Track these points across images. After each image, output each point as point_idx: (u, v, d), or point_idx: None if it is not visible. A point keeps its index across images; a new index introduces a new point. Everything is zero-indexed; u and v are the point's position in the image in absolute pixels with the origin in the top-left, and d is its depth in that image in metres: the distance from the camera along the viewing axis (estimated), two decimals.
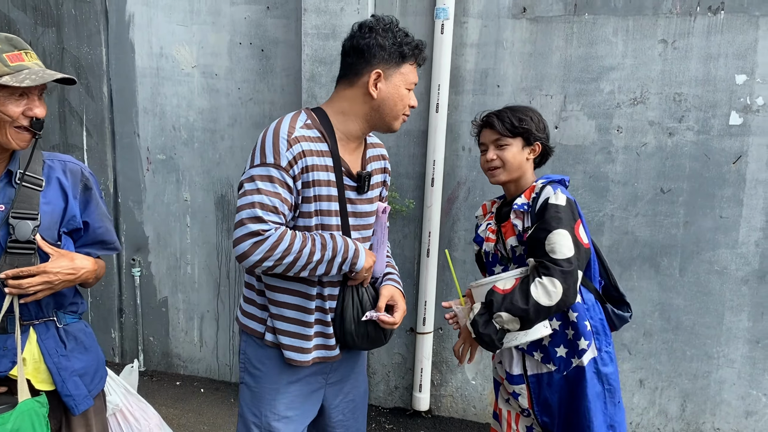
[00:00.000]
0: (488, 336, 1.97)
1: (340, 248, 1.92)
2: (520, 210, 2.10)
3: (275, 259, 1.84)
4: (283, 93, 3.69)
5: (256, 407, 2.10)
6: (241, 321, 2.14)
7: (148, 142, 3.97)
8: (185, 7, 3.76)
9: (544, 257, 1.97)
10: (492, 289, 2.02)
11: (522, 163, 2.18)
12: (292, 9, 3.57)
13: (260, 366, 2.09)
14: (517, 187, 2.21)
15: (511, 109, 2.20)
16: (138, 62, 3.89)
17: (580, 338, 2.08)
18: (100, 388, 2.11)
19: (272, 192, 1.86)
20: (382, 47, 1.94)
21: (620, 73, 3.17)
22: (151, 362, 4.25)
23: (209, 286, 4.06)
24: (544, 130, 2.22)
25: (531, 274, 2.00)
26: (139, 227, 4.09)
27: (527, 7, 3.25)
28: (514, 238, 2.13)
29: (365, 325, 2.05)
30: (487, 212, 2.35)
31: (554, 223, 1.98)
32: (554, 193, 2.04)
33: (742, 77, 3.04)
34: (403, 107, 2.01)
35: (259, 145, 1.92)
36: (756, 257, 3.14)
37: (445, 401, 3.74)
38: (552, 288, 1.93)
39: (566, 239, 1.97)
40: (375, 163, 2.14)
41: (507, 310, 1.95)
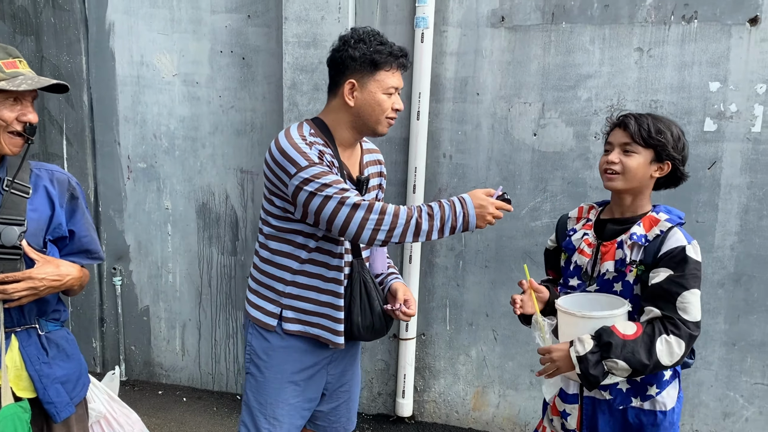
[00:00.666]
0: (594, 377, 1.87)
1: (448, 217, 1.98)
2: (638, 243, 1.94)
3: (389, 224, 1.95)
4: (264, 101, 3.70)
5: (262, 396, 2.21)
6: (250, 313, 2.23)
7: (128, 151, 3.96)
8: (166, 15, 3.76)
9: (673, 313, 1.85)
10: (610, 330, 1.87)
11: (644, 178, 1.98)
12: (273, 18, 3.59)
13: (265, 357, 2.20)
14: (633, 203, 2.02)
15: (653, 116, 1.99)
16: (118, 71, 3.88)
17: (651, 383, 1.97)
18: (83, 396, 2.11)
19: (334, 177, 1.99)
20: (353, 58, 2.07)
21: (597, 81, 3.22)
22: (133, 371, 4.23)
23: (191, 294, 4.04)
24: (681, 151, 1.99)
25: (655, 326, 1.87)
26: (120, 236, 4.07)
27: (505, 17, 3.29)
28: (612, 263, 1.99)
29: (371, 316, 2.17)
30: (582, 218, 2.17)
31: (692, 281, 1.86)
32: (690, 244, 1.89)
33: (716, 84, 3.10)
34: (382, 112, 2.10)
35: (284, 160, 2.02)
36: (731, 261, 3.20)
37: (428, 407, 3.75)
38: (677, 350, 1.83)
39: (698, 301, 1.87)
40: (372, 168, 2.29)
41: (626, 360, 1.83)
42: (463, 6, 3.33)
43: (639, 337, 1.85)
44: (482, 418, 3.68)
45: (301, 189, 1.99)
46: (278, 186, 2.08)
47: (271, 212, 2.15)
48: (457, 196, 2.01)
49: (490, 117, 3.39)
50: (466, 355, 3.64)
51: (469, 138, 3.43)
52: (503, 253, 3.48)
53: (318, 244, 2.13)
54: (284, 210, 2.11)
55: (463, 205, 1.98)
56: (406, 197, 3.50)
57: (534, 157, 3.36)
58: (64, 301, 2.10)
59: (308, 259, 2.14)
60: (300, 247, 2.13)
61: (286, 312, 2.17)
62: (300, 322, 2.17)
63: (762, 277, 3.16)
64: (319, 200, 1.97)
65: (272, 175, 2.08)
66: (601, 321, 1.90)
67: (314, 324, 2.16)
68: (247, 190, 3.83)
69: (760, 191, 3.11)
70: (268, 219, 2.17)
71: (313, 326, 2.17)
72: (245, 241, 3.89)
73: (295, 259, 2.14)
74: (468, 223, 1.98)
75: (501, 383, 3.61)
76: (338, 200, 1.95)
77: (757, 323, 3.20)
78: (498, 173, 3.42)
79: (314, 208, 1.98)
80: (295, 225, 2.11)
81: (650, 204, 2.04)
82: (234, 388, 4.09)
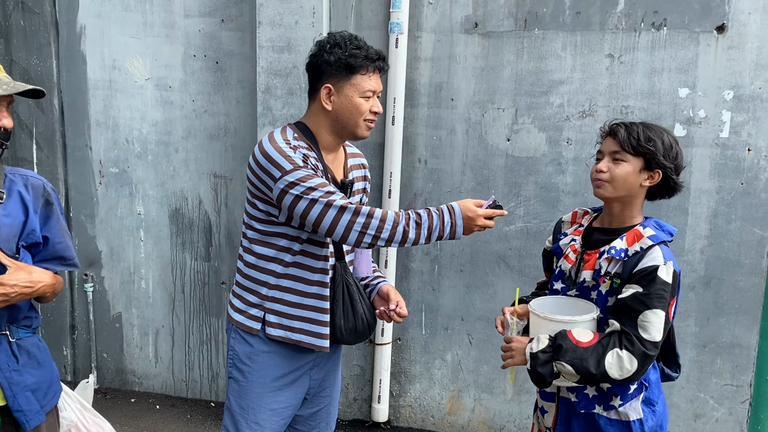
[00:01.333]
0: (542, 376, 1.89)
1: (435, 227, 2.00)
2: (615, 257, 1.93)
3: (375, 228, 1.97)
4: (238, 105, 3.68)
5: (244, 401, 2.21)
6: (232, 317, 2.23)
7: (100, 156, 3.91)
8: (138, 19, 3.72)
9: (632, 330, 1.84)
10: (566, 334, 1.89)
11: (633, 187, 1.95)
12: (246, 22, 3.58)
13: (248, 362, 2.19)
14: (623, 213, 2.00)
15: (645, 125, 1.96)
16: (90, 74, 3.83)
17: (616, 395, 1.96)
18: (54, 404, 2.08)
19: (319, 180, 2.00)
20: (329, 63, 2.07)
21: (569, 87, 3.26)
22: (105, 379, 4.16)
23: (164, 301, 4.00)
24: (673, 160, 1.95)
25: (611, 338, 1.87)
26: (92, 242, 4.01)
27: (479, 23, 3.32)
28: (590, 272, 1.99)
29: (354, 319, 2.18)
30: (575, 223, 2.17)
31: (656, 302, 1.84)
32: (665, 264, 1.86)
33: (685, 90, 3.16)
34: (360, 115, 2.11)
35: (269, 164, 2.02)
36: (701, 264, 3.25)
37: (404, 412, 3.75)
38: (628, 366, 1.83)
39: (661, 322, 1.84)
40: (356, 171, 2.31)
41: (573, 365, 1.84)
42: (437, 12, 3.35)
43: (592, 346, 1.86)
44: (458, 422, 3.69)
45: (286, 192, 1.99)
46: (262, 190, 2.07)
47: (255, 216, 2.14)
48: (446, 205, 2.02)
49: (465, 122, 3.41)
50: (442, 359, 3.65)
51: (444, 143, 3.45)
52: (478, 258, 3.50)
53: (302, 247, 2.13)
54: (268, 213, 2.11)
55: (452, 214, 2.00)
56: (381, 202, 3.50)
57: (507, 162, 3.39)
58: (36, 307, 2.07)
59: (293, 263, 2.13)
60: (284, 250, 2.12)
61: (269, 316, 2.16)
62: (282, 327, 2.16)
63: (730, 280, 3.22)
64: (305, 203, 1.97)
65: (256, 179, 2.08)
66: (561, 325, 1.92)
67: (296, 329, 2.16)
68: (221, 194, 3.80)
69: (728, 195, 3.17)
70: (251, 223, 2.16)
71: (296, 331, 2.16)
72: (219, 247, 3.86)
73: (280, 263, 2.13)
74: (455, 233, 2.01)
75: (476, 387, 3.63)
76: (324, 203, 1.96)
77: (726, 325, 3.26)
78: (472, 178, 3.44)
79: (300, 211, 1.99)
80: (279, 228, 2.11)
81: (641, 216, 2.02)
82: (208, 396, 4.05)
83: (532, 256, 3.42)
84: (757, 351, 3.27)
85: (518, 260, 3.44)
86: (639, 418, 1.97)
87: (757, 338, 3.25)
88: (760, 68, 3.06)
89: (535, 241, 3.41)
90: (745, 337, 3.25)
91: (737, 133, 3.12)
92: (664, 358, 2.15)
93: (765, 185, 3.13)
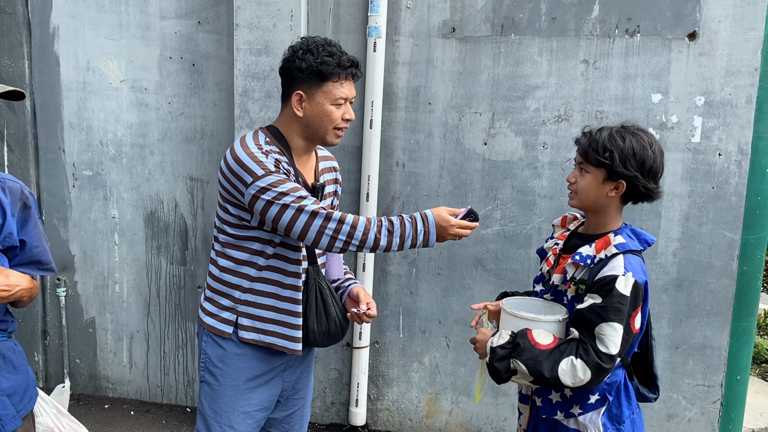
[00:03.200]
0: (498, 371, 1.91)
1: (408, 235, 2.01)
2: (580, 263, 1.92)
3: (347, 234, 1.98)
4: (215, 108, 3.66)
5: (217, 404, 2.20)
6: (204, 321, 2.22)
7: (74, 158, 3.86)
8: (113, 20, 3.68)
9: (589, 340, 1.84)
10: (526, 334, 1.89)
11: (599, 198, 1.93)
12: (224, 24, 3.56)
13: (220, 365, 2.19)
14: (597, 220, 1.99)
15: (611, 133, 1.90)
16: (63, 76, 3.78)
17: (577, 403, 1.96)
18: (30, 409, 2.06)
19: (291, 185, 2.00)
20: (301, 69, 2.07)
21: (545, 92, 3.30)
22: (78, 385, 4.10)
23: (139, 305, 3.95)
24: (638, 167, 1.88)
25: (569, 345, 1.86)
26: (65, 245, 3.95)
27: (456, 27, 3.34)
28: (559, 276, 2.00)
29: (327, 322, 2.19)
30: (564, 227, 2.17)
31: (612, 315, 1.81)
32: (624, 275, 1.82)
33: (658, 96, 3.21)
34: (331, 122, 2.11)
35: (240, 169, 2.01)
36: (674, 267, 3.31)
37: (381, 415, 3.75)
38: (581, 375, 1.82)
39: (618, 335, 1.81)
40: (327, 175, 2.31)
41: (527, 366, 1.85)
42: (415, 16, 3.37)
43: (549, 350, 1.85)
44: (435, 425, 3.70)
45: (258, 198, 1.99)
46: (234, 194, 2.07)
47: (227, 220, 2.14)
48: (420, 213, 2.03)
49: (442, 126, 3.43)
50: (419, 362, 3.66)
51: (422, 147, 3.46)
52: (455, 261, 3.52)
53: (275, 251, 2.12)
54: (240, 218, 2.11)
55: (425, 222, 2.01)
56: (359, 205, 3.50)
57: (484, 165, 3.41)
58: (11, 311, 2.04)
59: (266, 266, 2.13)
60: (257, 254, 2.12)
61: (241, 320, 2.16)
62: (255, 330, 2.16)
63: (702, 282, 3.28)
64: (276, 209, 1.97)
65: (228, 184, 2.07)
66: (525, 322, 1.94)
67: (270, 332, 2.16)
68: (197, 198, 3.77)
69: (699, 199, 3.23)
70: (223, 227, 2.16)
71: (269, 334, 2.16)
72: (195, 251, 3.82)
73: (253, 266, 2.13)
74: (428, 241, 2.01)
75: (453, 390, 3.64)
76: (296, 208, 1.96)
77: (698, 327, 3.32)
78: (450, 182, 3.46)
79: (272, 216, 1.99)
80: (251, 232, 2.11)
81: (617, 222, 1.99)
82: (184, 401, 4.00)
83: (509, 259, 3.45)
84: (728, 352, 3.33)
85: (495, 263, 3.47)
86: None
87: (728, 339, 3.32)
88: (730, 75, 3.12)
89: (511, 245, 3.44)
90: (717, 338, 3.31)
91: (708, 138, 3.19)
92: (641, 377, 2.12)
93: (735, 189, 3.20)
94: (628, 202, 1.98)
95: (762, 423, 3.67)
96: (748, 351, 3.42)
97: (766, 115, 3.16)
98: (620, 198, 1.94)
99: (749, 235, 3.24)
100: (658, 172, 1.93)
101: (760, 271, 3.34)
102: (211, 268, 2.23)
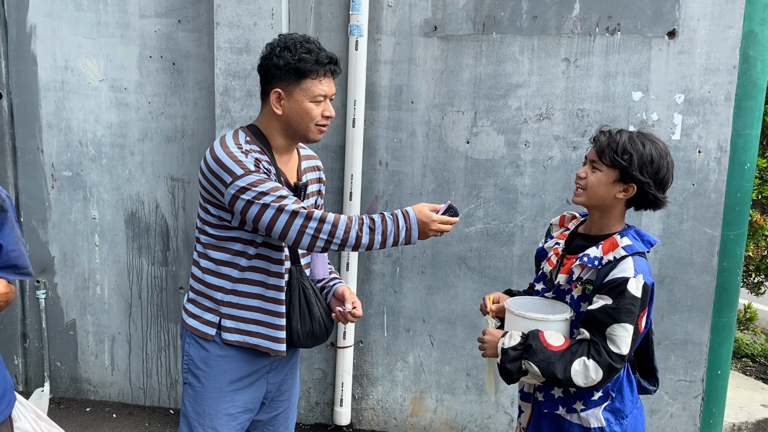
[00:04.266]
0: (510, 372, 1.92)
1: (390, 232, 1.99)
2: (588, 264, 1.93)
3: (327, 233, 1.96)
4: (195, 107, 3.63)
5: (200, 406, 2.18)
6: (187, 323, 2.20)
7: (52, 159, 3.81)
8: (92, 19, 3.64)
9: (601, 341, 1.86)
10: (538, 335, 1.91)
11: (607, 198, 1.95)
12: (204, 23, 3.53)
13: (204, 366, 2.17)
14: (600, 221, 2.00)
15: (633, 135, 1.92)
16: (41, 75, 3.73)
17: (581, 398, 1.98)
18: (8, 414, 2.02)
19: (272, 184, 1.98)
20: (278, 67, 2.05)
21: (527, 90, 3.31)
22: (59, 388, 4.05)
23: (120, 307, 3.91)
24: (652, 174, 1.90)
25: (580, 346, 1.89)
26: (44, 247, 3.90)
27: (438, 26, 3.34)
28: (565, 276, 2.01)
29: (311, 323, 2.17)
30: (563, 226, 2.18)
31: (624, 316, 1.84)
32: (635, 277, 1.85)
33: (638, 94, 3.23)
34: (311, 120, 2.09)
35: (220, 169, 2.00)
36: (655, 263, 3.33)
37: (366, 414, 3.75)
38: (593, 375, 1.85)
39: (629, 336, 1.85)
40: (310, 174, 2.28)
41: (540, 367, 1.87)
42: (397, 15, 3.36)
43: (561, 351, 1.88)
44: (420, 423, 3.70)
45: (237, 198, 1.97)
46: (214, 195, 2.05)
47: (207, 221, 2.12)
48: (401, 210, 2.02)
49: (425, 125, 3.43)
50: (404, 361, 3.66)
51: (405, 145, 3.46)
52: (439, 259, 3.52)
53: (258, 251, 2.11)
54: (220, 218, 2.09)
55: (407, 219, 2.00)
56: (342, 204, 3.49)
57: (467, 164, 3.42)
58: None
59: (248, 267, 2.12)
60: (239, 254, 2.11)
61: (225, 321, 2.14)
62: (239, 331, 2.14)
63: (683, 278, 3.31)
64: (256, 209, 1.96)
65: (207, 184, 2.06)
66: (534, 323, 1.96)
67: (253, 333, 2.14)
68: (178, 198, 3.74)
69: (680, 196, 3.26)
70: (204, 228, 2.14)
71: (252, 335, 2.14)
72: (176, 251, 3.79)
73: (235, 267, 2.11)
74: (410, 237, 2.01)
75: (438, 388, 3.65)
76: (276, 208, 1.95)
77: (680, 323, 3.35)
78: (433, 180, 3.46)
79: (252, 216, 1.97)
80: (232, 233, 2.09)
81: (621, 224, 2.01)
82: (167, 403, 3.97)
83: (492, 257, 3.46)
84: (709, 347, 3.37)
85: (478, 261, 3.48)
86: (600, 427, 1.98)
87: (709, 334, 3.35)
88: (709, 72, 3.15)
89: (494, 243, 3.45)
90: (698, 333, 3.35)
91: (688, 135, 3.21)
92: (641, 370, 2.16)
93: (715, 186, 3.23)
94: (632, 207, 2.00)
95: (743, 417, 3.72)
96: (729, 346, 3.46)
97: (744, 113, 3.20)
98: (626, 201, 1.97)
99: (729, 232, 3.27)
100: (668, 182, 1.96)
101: (739, 266, 3.38)
102: (193, 269, 2.21)
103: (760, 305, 5.60)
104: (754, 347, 4.92)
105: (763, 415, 3.77)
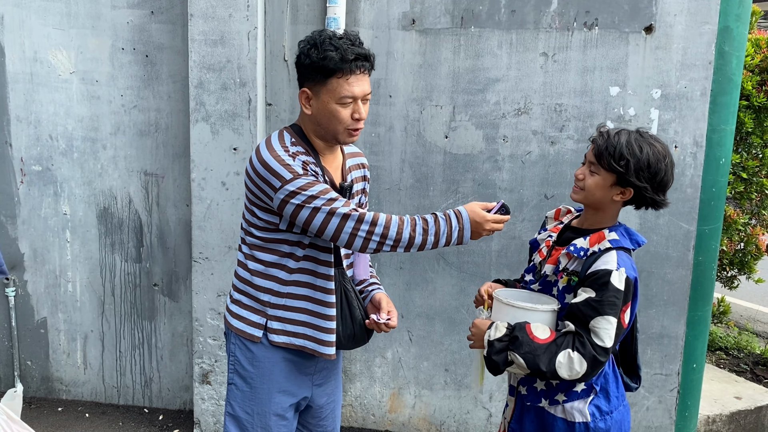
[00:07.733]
0: (496, 363, 1.94)
1: (443, 233, 1.98)
2: (574, 255, 1.97)
3: (380, 234, 1.95)
4: (170, 100, 3.56)
5: (249, 407, 2.19)
6: (232, 324, 2.19)
7: (21, 153, 3.71)
8: (62, 9, 3.55)
9: (585, 333, 1.89)
10: (524, 327, 1.92)
11: (604, 199, 1.97)
12: (178, 14, 3.46)
13: (251, 368, 2.17)
14: (595, 217, 2.03)
15: (629, 140, 1.92)
16: (9, 67, 3.63)
17: (562, 391, 2.01)
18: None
19: (321, 187, 1.96)
20: (305, 66, 2.01)
21: (505, 85, 3.30)
22: (30, 388, 3.96)
23: (93, 304, 3.83)
24: (649, 179, 1.92)
25: (565, 338, 1.90)
26: (13, 243, 3.80)
27: (416, 19, 3.31)
28: (551, 267, 2.04)
29: (352, 326, 2.16)
30: (557, 219, 2.20)
31: (607, 309, 1.86)
32: (618, 270, 1.88)
33: (616, 89, 3.24)
34: (339, 123, 2.02)
35: (268, 173, 1.98)
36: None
37: (344, 411, 3.72)
38: (578, 368, 1.86)
39: (613, 328, 1.87)
40: (355, 172, 2.26)
41: (525, 359, 1.88)
42: (374, 8, 3.33)
43: (546, 344, 1.89)
44: (398, 419, 3.69)
45: (287, 202, 1.96)
46: (262, 198, 2.03)
47: (254, 223, 2.10)
48: (453, 210, 2.01)
49: (403, 119, 3.40)
50: (382, 357, 3.64)
51: (383, 140, 3.43)
52: (417, 255, 3.50)
53: (306, 253, 2.09)
54: (268, 222, 2.07)
55: (459, 219, 1.99)
56: None
57: (446, 159, 3.40)
58: None
59: (297, 269, 2.10)
60: (287, 256, 2.09)
61: (271, 323, 2.14)
62: (286, 333, 2.13)
63: (659, 272, 3.33)
64: (307, 212, 1.94)
65: (255, 188, 2.03)
66: (522, 311, 1.97)
67: (300, 335, 2.13)
68: (152, 193, 3.67)
69: None
70: (251, 230, 2.12)
71: (299, 337, 2.13)
72: (150, 248, 3.72)
73: (284, 269, 2.10)
74: (462, 238, 1.99)
75: (416, 384, 3.63)
76: (327, 211, 1.94)
77: (656, 317, 3.37)
78: (411, 175, 3.44)
79: (302, 220, 1.96)
80: (279, 235, 2.08)
81: (614, 221, 2.04)
82: (141, 401, 3.91)
83: (471, 253, 3.45)
84: (684, 341, 3.40)
85: (457, 257, 3.46)
86: (584, 421, 1.99)
87: (684, 328, 3.38)
88: (685, 68, 3.17)
89: None
90: (673, 327, 3.37)
91: (665, 130, 3.23)
92: (624, 367, 2.18)
93: (690, 181, 3.25)
94: (638, 207, 2.04)
95: (717, 409, 3.76)
96: (704, 339, 3.49)
97: (719, 108, 3.22)
98: (623, 202, 2.00)
99: (704, 226, 3.30)
100: (667, 184, 1.98)
101: (714, 261, 3.41)
102: (238, 270, 2.19)
103: (733, 299, 5.68)
104: (728, 340, 4.98)
105: (737, 407, 3.81)
